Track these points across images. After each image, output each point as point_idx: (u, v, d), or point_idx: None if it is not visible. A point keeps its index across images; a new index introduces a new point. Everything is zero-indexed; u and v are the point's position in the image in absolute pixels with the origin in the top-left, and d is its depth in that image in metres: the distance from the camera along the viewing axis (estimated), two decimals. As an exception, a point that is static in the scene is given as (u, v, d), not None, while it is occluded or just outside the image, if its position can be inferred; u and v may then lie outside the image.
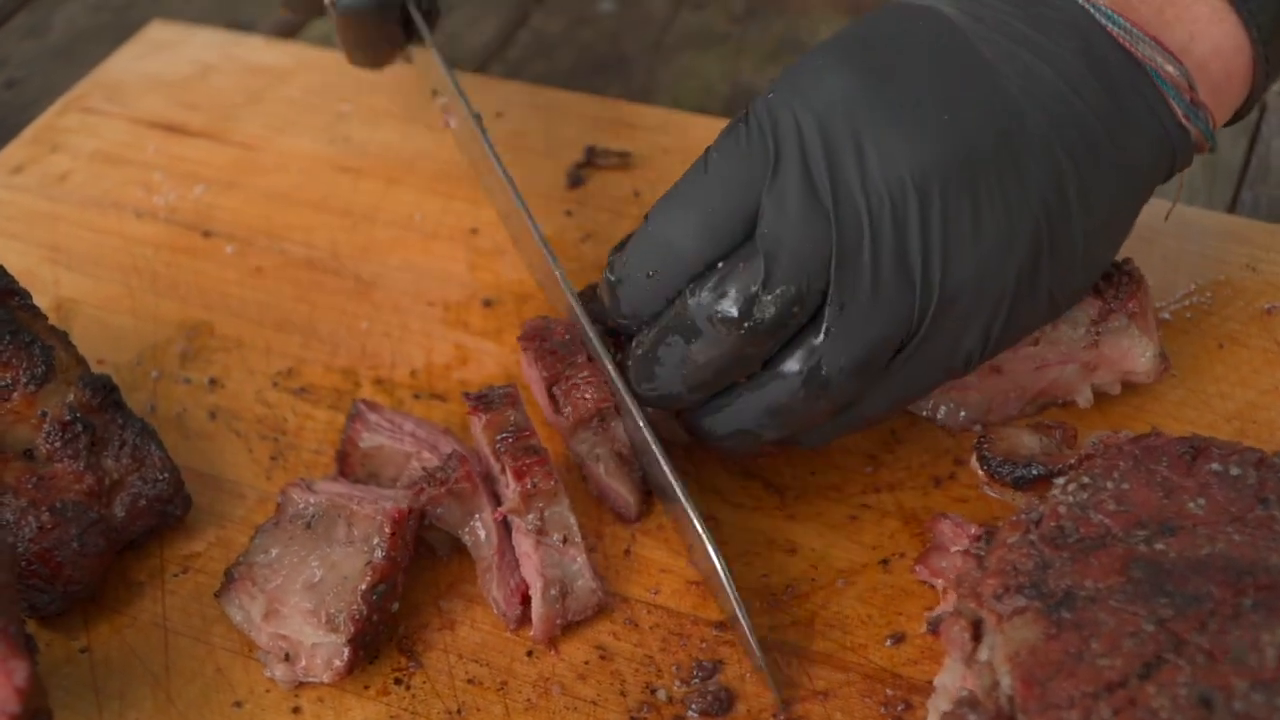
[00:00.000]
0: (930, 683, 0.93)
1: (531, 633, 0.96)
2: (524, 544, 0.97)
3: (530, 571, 0.97)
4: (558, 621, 0.96)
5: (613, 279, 0.96)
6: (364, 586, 0.95)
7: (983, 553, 0.90)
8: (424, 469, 1.03)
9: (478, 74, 1.48)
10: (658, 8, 1.61)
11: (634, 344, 0.97)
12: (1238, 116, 1.00)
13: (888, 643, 0.96)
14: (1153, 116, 0.92)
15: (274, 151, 1.34)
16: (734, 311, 0.89)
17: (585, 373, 1.00)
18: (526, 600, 0.98)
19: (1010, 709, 0.79)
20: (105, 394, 1.03)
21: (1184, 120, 0.93)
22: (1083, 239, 0.92)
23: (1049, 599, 0.82)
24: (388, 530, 0.96)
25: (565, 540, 0.97)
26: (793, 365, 0.90)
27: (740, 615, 0.93)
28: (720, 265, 0.90)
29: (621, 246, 0.97)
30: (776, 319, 0.88)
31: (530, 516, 0.97)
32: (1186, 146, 0.95)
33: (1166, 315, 1.14)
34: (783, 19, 1.59)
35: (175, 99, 1.40)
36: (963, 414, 1.07)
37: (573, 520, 0.97)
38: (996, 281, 0.89)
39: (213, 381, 1.14)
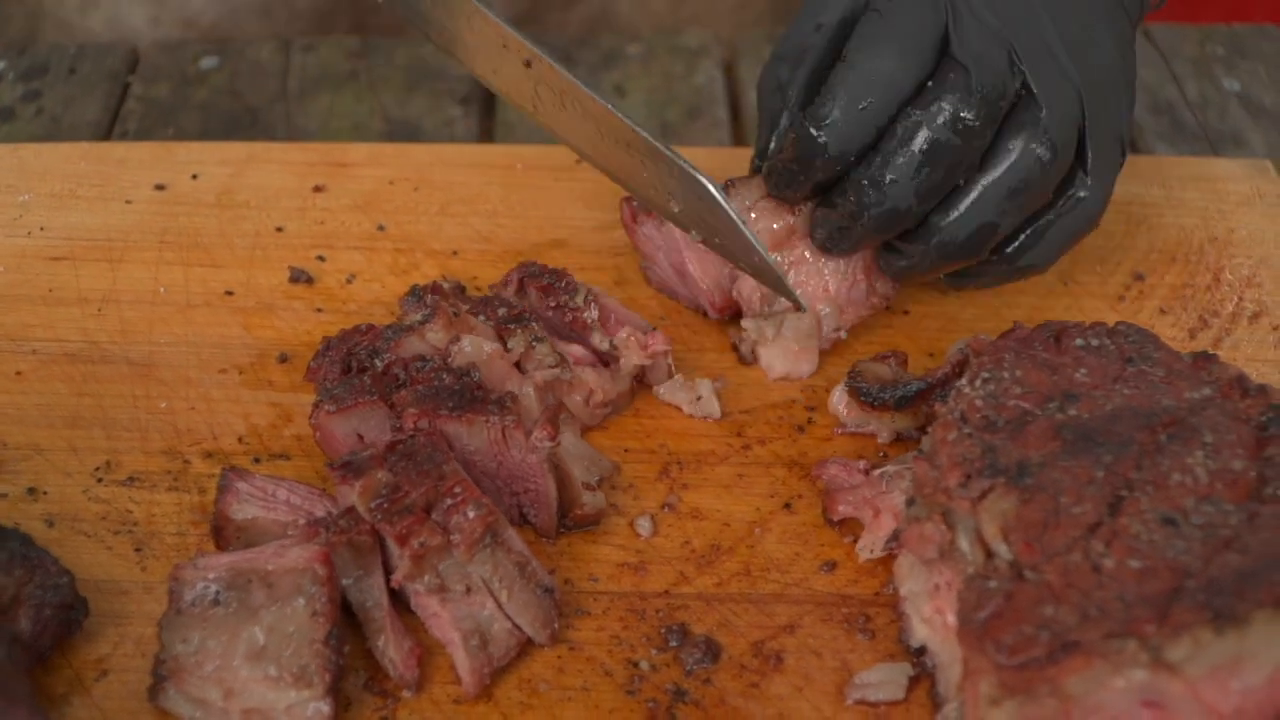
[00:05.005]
0: (876, 595, 1.19)
1: (463, 688, 1.12)
2: (430, 604, 1.13)
3: (444, 628, 1.13)
4: (485, 670, 1.12)
5: (822, 122, 1.25)
6: (321, 635, 1.09)
7: (922, 455, 1.18)
8: (315, 517, 1.18)
9: (129, 141, 1.63)
10: (265, 57, 1.80)
11: (854, 180, 1.27)
12: None
13: (822, 571, 1.21)
14: None
15: (-32, 255, 1.45)
16: (952, 113, 1.23)
17: (457, 487, 1.13)
18: (422, 661, 1.13)
19: (1015, 571, 1.06)
20: (-29, 510, 1.14)
21: None
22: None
23: (1009, 473, 1.10)
24: (323, 572, 1.10)
25: (469, 590, 1.13)
26: (1019, 145, 1.25)
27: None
28: (930, 84, 1.24)
29: (805, 104, 1.28)
30: (988, 112, 1.23)
31: (426, 578, 1.13)
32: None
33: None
34: (404, 48, 1.81)
35: None
36: (826, 317, 1.35)
37: (481, 571, 1.14)
38: (1114, 77, 1.30)
39: (31, 491, 1.25)
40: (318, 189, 1.54)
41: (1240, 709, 1.00)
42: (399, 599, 1.16)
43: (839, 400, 1.30)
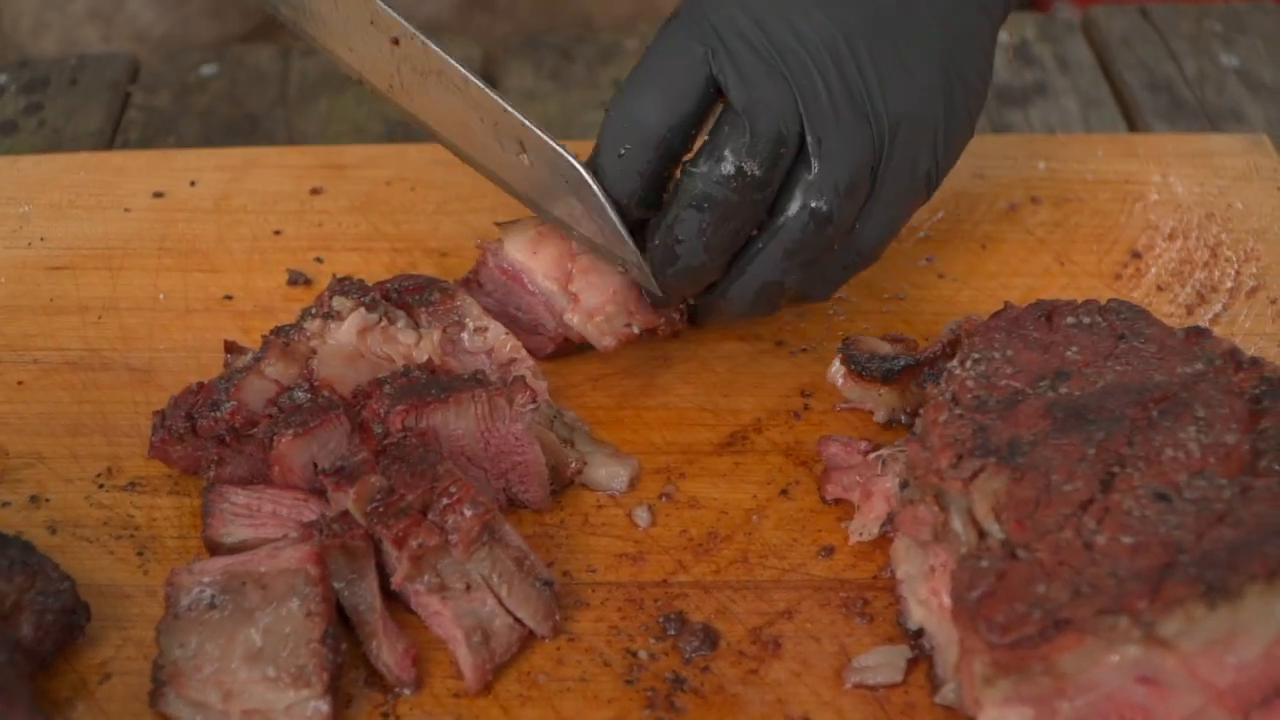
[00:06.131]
0: (874, 578, 1.19)
1: (466, 685, 1.12)
2: (430, 603, 1.14)
3: (445, 626, 1.13)
4: (488, 666, 1.12)
5: (595, 170, 1.25)
6: (318, 635, 1.09)
7: (915, 437, 1.18)
8: (305, 521, 1.18)
9: (126, 150, 1.64)
10: (265, 62, 1.81)
11: (649, 239, 1.25)
12: None
13: (820, 556, 1.21)
14: None
15: (-32, 267, 1.46)
16: (733, 166, 1.19)
17: (453, 487, 1.14)
18: (418, 662, 1.13)
19: (1007, 550, 1.06)
20: (-29, 518, 1.15)
21: None
22: (976, 63, 1.30)
23: (1000, 453, 1.09)
24: (315, 572, 1.11)
25: (469, 587, 1.14)
26: (795, 204, 1.22)
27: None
28: (707, 138, 1.21)
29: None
30: (769, 161, 1.19)
31: (425, 578, 1.14)
32: None
33: (922, 234, 1.47)
34: (404, 49, 1.82)
35: None
36: (612, 316, 1.33)
37: (478, 568, 1.14)
38: (928, 107, 1.24)
39: (34, 499, 1.25)
40: (315, 192, 1.55)
41: (1236, 684, 1.00)
42: (398, 599, 1.16)
43: (836, 371, 1.30)
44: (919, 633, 1.14)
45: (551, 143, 1.25)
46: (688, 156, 1.23)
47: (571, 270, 1.32)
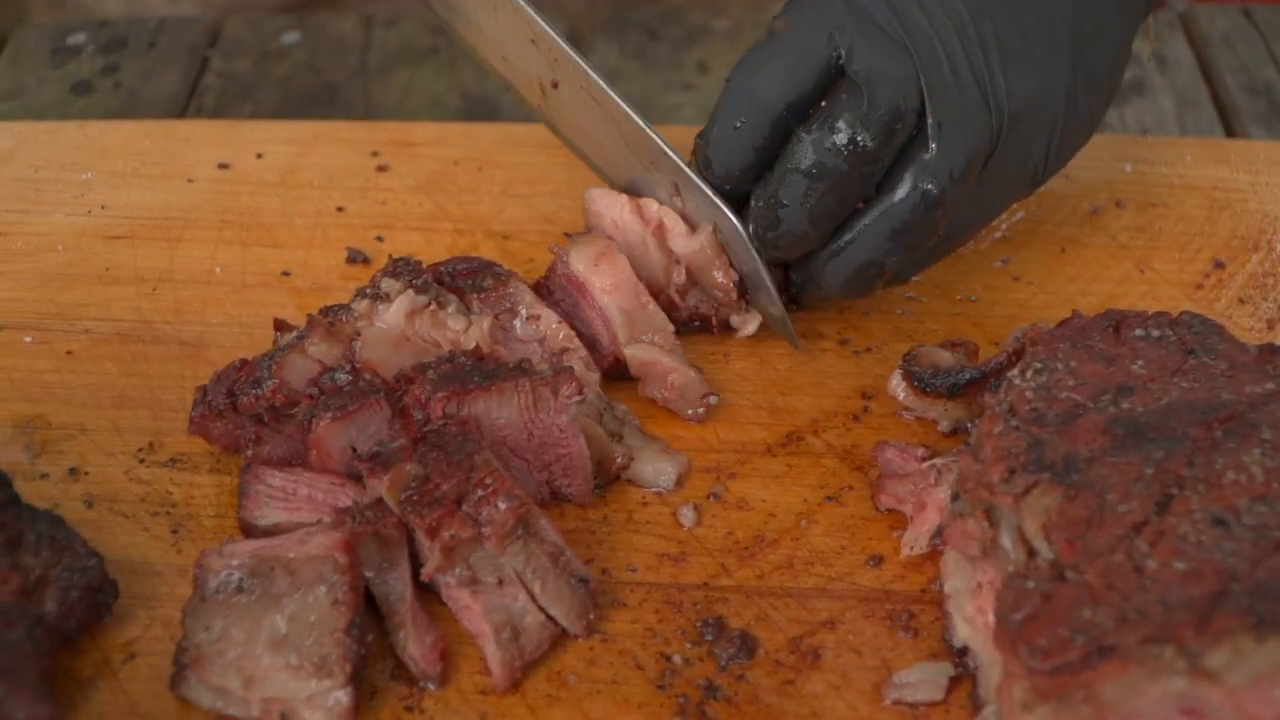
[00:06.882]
0: (922, 591, 1.15)
1: (494, 681, 1.10)
2: (461, 597, 1.11)
3: (475, 621, 1.11)
4: (516, 664, 1.10)
5: (707, 140, 1.24)
6: (343, 624, 1.07)
7: (969, 448, 1.14)
8: (340, 507, 1.16)
9: (195, 119, 1.63)
10: (348, 32, 1.79)
11: (753, 200, 1.24)
12: None
13: (868, 566, 1.17)
14: None
15: (30, 233, 1.45)
16: (846, 136, 1.17)
17: (489, 478, 1.13)
18: (445, 656, 1.11)
19: (1055, 570, 1.02)
20: (4, 489, 1.13)
21: None
22: (1107, 62, 1.26)
23: (1054, 469, 1.05)
24: (344, 560, 1.09)
25: (501, 582, 1.12)
26: (907, 184, 1.19)
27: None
28: (824, 104, 1.19)
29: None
30: (883, 135, 1.17)
31: (457, 570, 1.11)
32: None
33: (999, 234, 1.42)
34: (486, 25, 1.79)
35: (-101, 196, 1.50)
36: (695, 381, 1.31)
37: (512, 562, 1.12)
38: (1049, 100, 1.22)
39: (73, 471, 1.24)
40: (381, 169, 1.53)
41: (1282, 720, 0.95)
42: (430, 589, 1.14)
43: (897, 385, 1.26)
44: (963, 650, 1.10)
45: (708, 191, 1.27)
46: None
47: (645, 304, 1.31)
